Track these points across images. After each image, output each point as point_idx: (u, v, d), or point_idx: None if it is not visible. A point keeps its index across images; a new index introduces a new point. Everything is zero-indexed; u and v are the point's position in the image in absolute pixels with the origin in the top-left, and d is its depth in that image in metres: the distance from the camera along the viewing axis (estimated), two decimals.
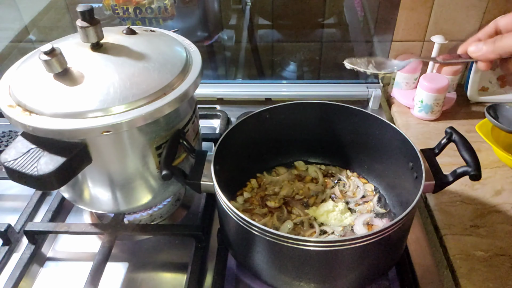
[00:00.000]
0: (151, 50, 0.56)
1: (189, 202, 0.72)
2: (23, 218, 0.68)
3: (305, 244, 0.46)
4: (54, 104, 0.49)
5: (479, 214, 0.65)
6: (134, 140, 0.53)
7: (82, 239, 0.67)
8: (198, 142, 0.66)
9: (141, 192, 0.60)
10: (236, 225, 0.50)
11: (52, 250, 0.66)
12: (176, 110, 0.54)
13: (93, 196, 0.59)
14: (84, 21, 0.52)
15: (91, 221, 0.70)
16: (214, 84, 0.98)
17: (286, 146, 0.71)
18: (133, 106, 0.49)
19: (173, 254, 0.64)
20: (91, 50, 0.54)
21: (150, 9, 0.91)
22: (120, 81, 0.51)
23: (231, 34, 1.10)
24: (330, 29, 1.06)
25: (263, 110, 0.64)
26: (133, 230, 0.65)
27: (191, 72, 0.57)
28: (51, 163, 0.47)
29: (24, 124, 0.48)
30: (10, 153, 0.49)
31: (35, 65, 0.53)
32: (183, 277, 0.60)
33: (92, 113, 0.48)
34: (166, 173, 0.53)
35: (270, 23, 1.06)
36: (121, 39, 0.57)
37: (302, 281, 0.51)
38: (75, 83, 0.50)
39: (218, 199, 0.53)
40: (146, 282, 0.60)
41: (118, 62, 0.53)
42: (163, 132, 0.55)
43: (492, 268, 0.57)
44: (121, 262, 0.63)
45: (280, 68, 1.15)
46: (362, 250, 0.47)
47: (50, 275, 0.62)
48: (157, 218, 0.69)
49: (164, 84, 0.52)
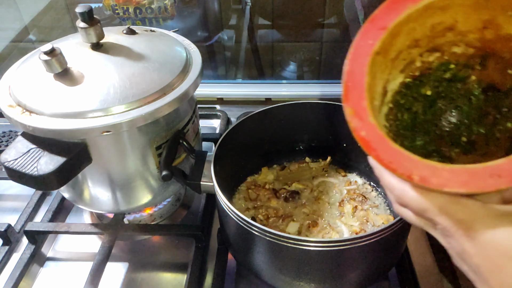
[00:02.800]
0: (151, 50, 0.56)
1: (189, 202, 0.72)
2: (23, 218, 0.68)
3: (305, 244, 0.46)
4: (54, 104, 0.49)
5: None
6: (134, 140, 0.53)
7: (82, 239, 0.67)
8: (198, 142, 0.66)
9: (141, 192, 0.60)
10: (236, 225, 0.50)
11: (52, 250, 0.66)
12: (176, 110, 0.54)
13: (93, 196, 0.59)
14: (84, 22, 0.52)
15: (91, 221, 0.70)
16: (214, 84, 0.98)
17: (286, 146, 0.71)
18: (133, 106, 0.49)
19: (173, 254, 0.64)
20: (91, 50, 0.54)
21: (150, 9, 0.91)
22: (120, 81, 0.51)
23: (231, 34, 1.10)
24: (330, 29, 1.06)
25: (263, 110, 0.64)
26: (133, 230, 0.65)
27: (191, 72, 0.57)
28: (51, 163, 0.47)
29: (24, 124, 0.48)
30: (10, 153, 0.49)
31: (35, 65, 0.53)
32: (183, 277, 0.60)
33: (92, 113, 0.48)
34: (166, 174, 0.53)
35: (270, 23, 1.07)
36: (121, 39, 0.57)
37: (302, 281, 0.51)
38: (75, 83, 0.50)
39: (218, 199, 0.52)
40: (146, 282, 0.60)
41: (118, 62, 0.53)
42: (163, 132, 0.55)
43: None
44: (121, 262, 0.63)
45: (280, 68, 1.15)
46: (362, 250, 0.47)
47: (50, 275, 0.62)
48: (157, 218, 0.69)
49: (164, 84, 0.52)
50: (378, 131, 0.31)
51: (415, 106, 0.39)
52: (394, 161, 0.30)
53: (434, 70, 0.39)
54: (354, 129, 0.31)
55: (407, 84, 0.39)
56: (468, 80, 0.38)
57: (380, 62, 0.34)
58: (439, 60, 0.38)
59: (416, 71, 0.38)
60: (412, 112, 0.39)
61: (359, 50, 0.33)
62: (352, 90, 0.32)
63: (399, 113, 0.39)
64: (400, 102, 0.39)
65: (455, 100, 0.39)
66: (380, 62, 0.34)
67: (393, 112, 0.39)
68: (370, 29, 0.33)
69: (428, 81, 0.39)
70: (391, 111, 0.39)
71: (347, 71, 0.33)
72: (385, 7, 0.33)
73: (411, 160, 0.29)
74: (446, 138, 0.39)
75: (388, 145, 0.30)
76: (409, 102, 0.39)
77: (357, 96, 0.32)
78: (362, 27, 0.32)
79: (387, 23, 0.32)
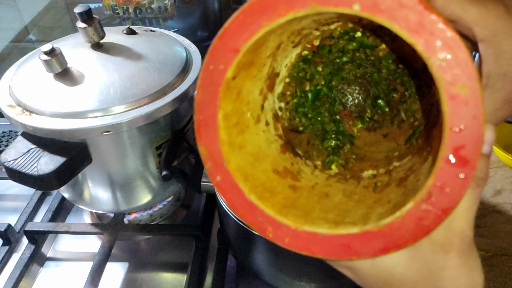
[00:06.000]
0: (151, 50, 0.56)
1: (189, 202, 0.72)
2: (23, 218, 0.68)
3: None
4: (54, 104, 0.49)
5: (480, 214, 0.65)
6: (134, 140, 0.53)
7: (82, 239, 0.67)
8: None
9: (141, 192, 0.60)
10: (236, 225, 0.50)
11: (52, 250, 0.66)
12: (176, 110, 0.54)
13: (93, 196, 0.59)
14: (83, 22, 0.52)
15: (91, 221, 0.70)
16: None
17: None
18: (133, 106, 0.49)
19: (173, 254, 0.64)
20: (91, 50, 0.54)
21: (150, 9, 0.91)
22: (120, 81, 0.51)
23: None
24: None
25: None
26: (133, 230, 0.65)
27: (191, 72, 0.57)
28: (51, 163, 0.47)
29: (24, 124, 0.48)
30: (10, 153, 0.49)
31: (35, 65, 0.53)
32: (183, 277, 0.60)
33: (92, 113, 0.48)
34: (166, 174, 0.53)
35: None
36: (121, 39, 0.57)
37: (302, 281, 0.51)
38: (75, 83, 0.50)
39: (218, 199, 0.52)
40: (146, 282, 0.60)
41: (118, 62, 0.53)
42: (163, 132, 0.55)
43: (493, 268, 0.57)
44: (121, 262, 0.63)
45: None
46: None
47: (50, 275, 0.62)
48: (157, 218, 0.69)
49: (164, 84, 0.52)
50: (232, 180, 0.27)
51: (316, 78, 0.35)
52: (249, 215, 0.27)
53: (336, 39, 0.33)
54: (209, 172, 0.27)
55: (304, 57, 0.33)
56: (378, 49, 0.33)
57: (244, 77, 0.28)
58: (342, 27, 0.32)
59: (315, 41, 0.33)
60: (313, 84, 0.35)
61: (209, 76, 0.26)
62: (204, 127, 0.27)
63: (298, 86, 0.34)
64: (299, 75, 0.34)
65: (363, 66, 0.35)
66: (244, 77, 0.28)
67: (292, 86, 0.34)
68: (220, 50, 0.25)
69: (330, 54, 0.34)
70: (289, 86, 0.34)
71: (197, 101, 0.27)
72: (235, 22, 0.24)
73: (265, 216, 0.27)
74: (351, 109, 0.36)
75: (242, 197, 0.27)
76: (309, 73, 0.34)
77: (210, 134, 0.27)
78: (211, 45, 0.25)
79: (239, 43, 0.25)
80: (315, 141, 0.35)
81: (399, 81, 0.34)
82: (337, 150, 0.35)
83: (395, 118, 0.35)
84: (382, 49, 0.33)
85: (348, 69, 0.35)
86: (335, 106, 0.36)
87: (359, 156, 0.34)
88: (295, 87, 0.34)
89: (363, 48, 0.33)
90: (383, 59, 0.34)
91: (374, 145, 0.34)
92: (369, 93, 0.36)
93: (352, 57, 0.34)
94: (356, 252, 0.24)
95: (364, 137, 0.36)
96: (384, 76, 0.34)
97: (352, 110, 0.36)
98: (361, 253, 0.24)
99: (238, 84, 0.28)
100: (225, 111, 0.27)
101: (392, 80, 0.34)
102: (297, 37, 0.31)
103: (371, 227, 0.24)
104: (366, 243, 0.24)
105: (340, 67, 0.35)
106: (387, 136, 0.34)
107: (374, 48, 0.33)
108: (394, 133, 0.34)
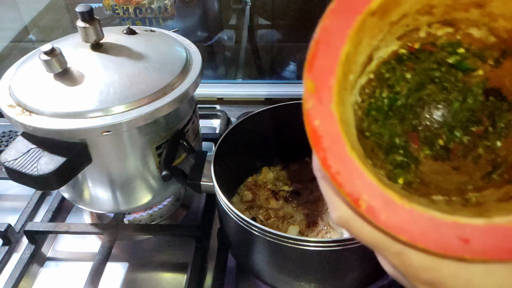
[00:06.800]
0: (151, 50, 0.56)
1: (189, 202, 0.72)
2: (23, 218, 0.68)
3: (305, 244, 0.46)
4: (54, 104, 0.49)
5: None
6: (134, 140, 0.53)
7: (82, 239, 0.67)
8: (198, 142, 0.66)
9: (141, 192, 0.60)
10: (236, 225, 0.50)
11: (52, 250, 0.66)
12: (176, 110, 0.54)
13: (93, 196, 0.59)
14: (84, 21, 0.52)
15: (91, 221, 0.70)
16: (214, 84, 0.98)
17: (286, 146, 0.71)
18: (133, 106, 0.49)
19: (173, 254, 0.64)
20: (91, 50, 0.54)
21: (150, 9, 0.91)
22: (120, 81, 0.51)
23: (231, 34, 1.10)
24: None
25: (263, 110, 0.64)
26: (133, 230, 0.65)
27: (191, 72, 0.57)
28: (51, 163, 0.47)
29: (24, 124, 0.48)
30: (10, 153, 0.49)
31: (35, 65, 0.53)
32: (183, 277, 0.60)
33: (92, 113, 0.48)
34: (166, 174, 0.53)
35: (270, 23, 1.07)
36: (121, 39, 0.57)
37: (302, 281, 0.51)
38: (75, 83, 0.50)
39: (218, 199, 0.52)
40: (146, 282, 0.60)
41: (118, 62, 0.53)
42: (163, 132, 0.55)
43: None
44: (121, 262, 0.63)
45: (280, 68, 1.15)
46: (363, 250, 0.47)
47: (50, 275, 0.62)
48: (157, 218, 0.69)
49: (164, 84, 0.52)
50: (337, 126, 0.22)
51: (400, 85, 0.31)
52: (343, 173, 0.21)
53: (438, 48, 0.30)
54: (307, 113, 0.22)
55: (399, 56, 0.30)
56: (473, 74, 0.30)
57: (373, 25, 0.24)
58: (449, 37, 0.29)
59: (416, 43, 0.30)
60: (393, 92, 0.31)
61: (347, 2, 0.22)
62: (321, 57, 0.22)
63: (378, 88, 0.31)
64: (385, 76, 0.31)
65: (448, 91, 0.31)
66: (373, 25, 0.24)
67: (372, 85, 0.31)
68: None
69: (426, 60, 0.31)
70: (370, 84, 0.30)
71: (323, 27, 0.23)
72: None
73: (366, 181, 0.21)
74: (420, 134, 0.32)
75: (343, 149, 0.22)
76: (394, 78, 0.31)
77: (326, 68, 0.22)
78: None
79: None
80: (378, 152, 0.31)
81: (486, 113, 0.30)
82: (405, 166, 0.31)
83: (469, 152, 0.31)
84: (477, 76, 0.30)
85: (430, 89, 0.32)
86: (405, 124, 0.32)
87: (424, 182, 0.30)
88: (375, 87, 0.31)
89: (455, 69, 0.30)
90: (474, 86, 0.30)
91: (441, 175, 0.29)
92: (445, 121, 0.32)
93: (442, 76, 0.31)
94: (475, 250, 0.19)
95: (430, 164, 0.31)
96: (467, 107, 0.31)
97: (420, 135, 0.32)
98: (482, 253, 0.19)
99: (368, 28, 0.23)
100: (349, 49, 0.22)
101: (478, 111, 0.31)
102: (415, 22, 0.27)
103: (503, 221, 0.19)
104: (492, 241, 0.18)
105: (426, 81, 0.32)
106: (457, 169, 0.30)
107: (468, 72, 0.30)
108: (467, 167, 0.30)
